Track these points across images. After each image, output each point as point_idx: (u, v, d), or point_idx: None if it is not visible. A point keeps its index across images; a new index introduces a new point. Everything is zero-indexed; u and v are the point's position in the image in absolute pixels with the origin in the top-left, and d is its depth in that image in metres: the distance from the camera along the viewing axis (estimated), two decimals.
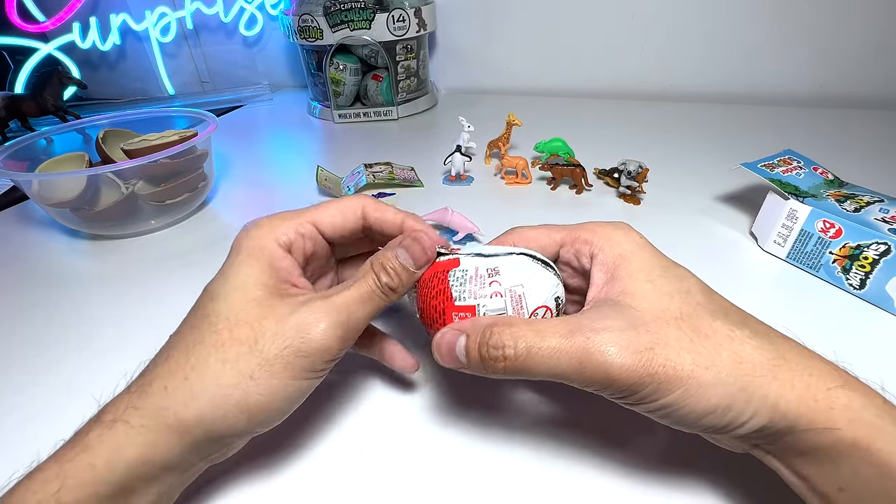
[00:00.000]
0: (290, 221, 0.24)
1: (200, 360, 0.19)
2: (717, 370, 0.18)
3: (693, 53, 0.76)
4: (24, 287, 0.41)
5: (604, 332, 0.18)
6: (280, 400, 0.20)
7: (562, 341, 0.18)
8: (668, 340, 0.18)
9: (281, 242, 0.23)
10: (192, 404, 0.19)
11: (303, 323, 0.20)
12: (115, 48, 0.88)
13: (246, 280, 0.21)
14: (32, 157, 0.48)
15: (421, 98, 0.80)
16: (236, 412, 0.19)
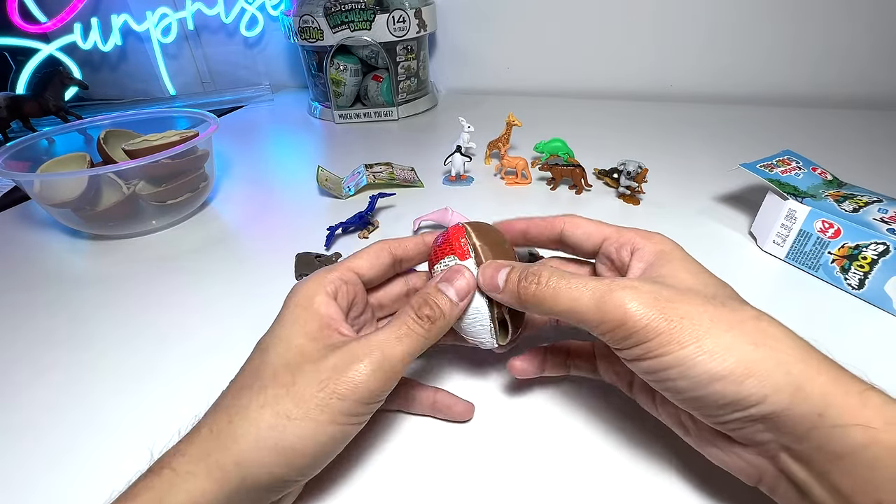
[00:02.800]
0: (333, 273, 0.24)
1: (243, 405, 0.20)
2: (737, 334, 0.17)
3: (693, 53, 0.76)
4: (25, 287, 0.41)
5: (629, 284, 0.20)
6: (317, 444, 0.20)
7: (588, 281, 0.20)
8: (691, 301, 0.19)
9: (328, 291, 0.23)
10: (232, 447, 0.19)
11: (339, 363, 0.20)
12: (117, 49, 0.88)
13: (291, 330, 0.22)
14: (34, 158, 0.48)
15: (421, 98, 0.81)
16: (273, 455, 0.19)
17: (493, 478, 0.24)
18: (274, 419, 0.19)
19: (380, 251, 0.26)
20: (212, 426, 0.20)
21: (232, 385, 0.22)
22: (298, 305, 0.23)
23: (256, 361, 0.22)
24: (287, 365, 0.21)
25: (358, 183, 0.53)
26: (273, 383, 0.20)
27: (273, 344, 0.22)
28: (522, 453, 0.25)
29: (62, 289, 0.40)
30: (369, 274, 0.26)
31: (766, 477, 0.19)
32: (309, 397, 0.19)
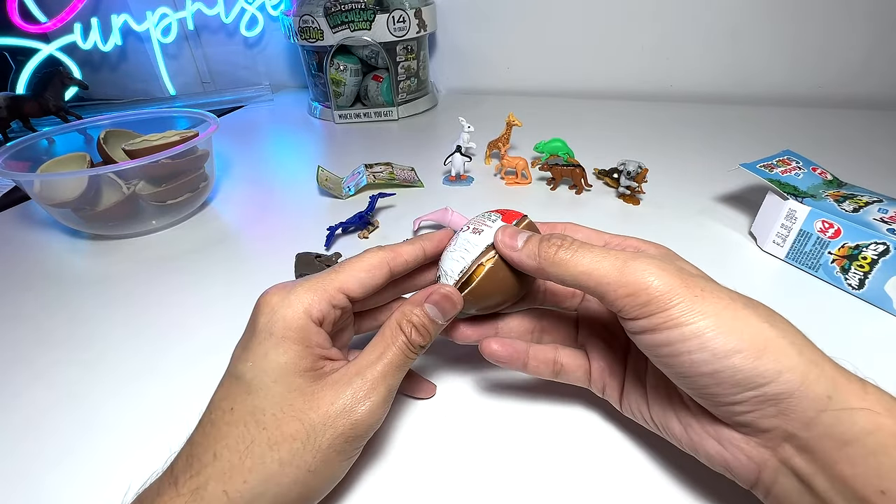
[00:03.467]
0: (319, 293, 0.22)
1: (257, 463, 0.19)
2: (752, 313, 0.18)
3: (693, 53, 0.76)
4: (25, 287, 0.41)
5: (651, 255, 0.20)
6: (333, 481, 0.22)
7: (610, 250, 0.20)
8: (708, 280, 0.20)
9: (314, 318, 0.22)
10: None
11: (348, 409, 0.20)
12: (117, 49, 0.89)
13: (284, 369, 0.21)
14: (34, 158, 0.48)
15: (421, 98, 0.81)
16: (296, 503, 0.20)
17: (485, 475, 0.24)
18: (295, 474, 0.19)
19: (375, 268, 0.24)
20: (224, 487, 0.19)
21: (224, 434, 0.20)
22: (286, 338, 0.21)
23: (248, 405, 0.20)
24: (292, 413, 0.20)
25: (358, 183, 0.53)
26: (282, 436, 0.19)
27: (265, 386, 0.20)
28: (516, 452, 0.25)
29: (62, 289, 0.40)
30: (361, 295, 0.23)
31: (766, 472, 0.18)
32: (326, 447, 0.20)
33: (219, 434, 0.20)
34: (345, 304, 0.23)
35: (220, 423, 0.20)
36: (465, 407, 0.28)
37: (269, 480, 0.19)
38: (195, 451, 0.20)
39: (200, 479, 0.19)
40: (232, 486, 0.19)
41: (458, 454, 0.25)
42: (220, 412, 0.20)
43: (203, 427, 0.21)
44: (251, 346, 0.21)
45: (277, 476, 0.19)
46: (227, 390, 0.21)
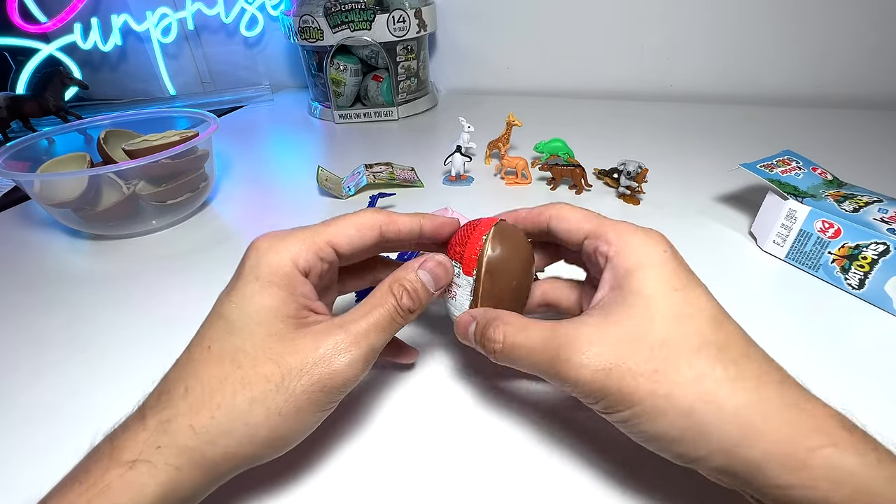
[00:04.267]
0: (308, 243, 0.22)
1: (227, 399, 0.19)
2: (674, 401, 0.18)
3: (693, 53, 0.76)
4: (25, 287, 0.41)
5: (576, 344, 0.19)
6: (304, 431, 0.21)
7: (539, 344, 0.20)
8: (630, 365, 0.18)
9: (301, 268, 0.22)
10: (220, 442, 0.19)
11: (327, 359, 0.20)
12: (117, 49, 0.88)
13: (268, 313, 0.21)
14: (34, 158, 0.48)
15: (421, 98, 0.81)
16: (263, 447, 0.20)
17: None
18: (265, 416, 0.19)
19: (366, 228, 0.24)
20: (191, 421, 0.19)
21: (197, 369, 0.20)
22: (272, 283, 0.21)
23: (227, 344, 0.20)
24: (270, 356, 0.20)
25: (358, 183, 0.53)
26: (256, 376, 0.19)
27: (247, 328, 0.20)
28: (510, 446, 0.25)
29: (62, 289, 0.40)
30: (348, 252, 0.24)
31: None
32: (299, 392, 0.20)
33: (192, 370, 0.20)
34: (332, 258, 0.23)
35: (196, 359, 0.20)
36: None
37: (238, 418, 0.19)
38: (167, 386, 0.20)
39: (168, 412, 0.19)
40: (198, 421, 0.19)
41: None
42: (199, 349, 0.21)
43: (178, 364, 0.21)
44: (237, 287, 0.21)
45: (246, 415, 0.19)
46: (207, 329, 0.21)
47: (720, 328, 0.19)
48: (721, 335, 0.19)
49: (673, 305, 0.19)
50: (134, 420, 0.19)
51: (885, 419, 0.26)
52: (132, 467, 0.18)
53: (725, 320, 0.20)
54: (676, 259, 0.21)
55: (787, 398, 0.18)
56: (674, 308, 0.19)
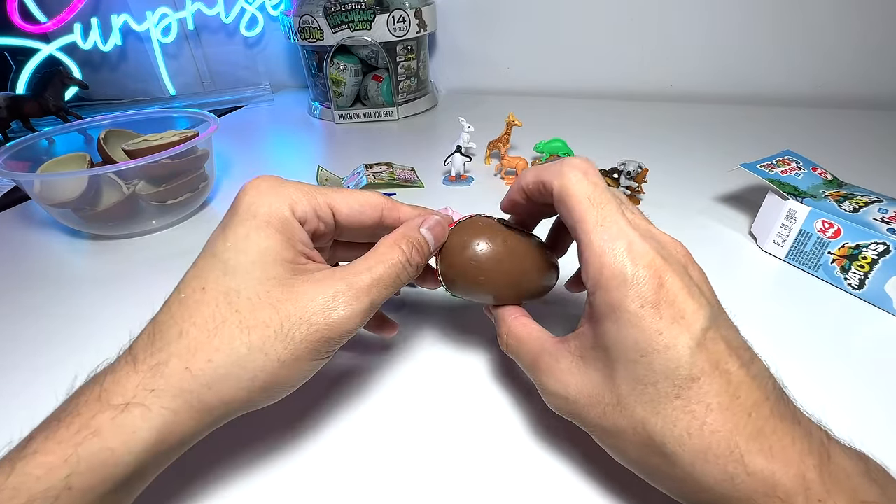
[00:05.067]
0: (308, 196, 0.22)
1: (225, 343, 0.19)
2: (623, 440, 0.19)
3: (693, 53, 0.76)
4: (25, 287, 0.41)
5: (549, 373, 0.21)
6: (299, 379, 0.21)
7: (529, 356, 0.23)
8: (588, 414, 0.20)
9: (297, 215, 0.22)
10: (216, 387, 0.18)
11: (327, 309, 0.20)
12: (117, 49, 0.89)
13: (265, 254, 0.20)
14: (34, 158, 0.48)
15: (421, 98, 0.81)
16: (260, 392, 0.20)
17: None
18: (263, 362, 0.19)
19: (368, 207, 0.24)
20: (187, 364, 0.18)
21: (193, 311, 0.19)
22: (270, 224, 0.21)
23: (223, 285, 0.20)
24: (269, 301, 0.19)
25: (358, 183, 0.53)
26: (255, 322, 0.19)
27: (242, 268, 0.20)
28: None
29: (62, 289, 0.40)
30: (345, 222, 0.24)
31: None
32: (298, 341, 0.19)
33: (187, 312, 0.19)
34: (328, 219, 0.23)
35: (189, 301, 0.20)
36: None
37: (236, 363, 0.19)
38: (159, 328, 0.19)
39: (162, 355, 0.18)
40: (195, 364, 0.18)
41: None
42: (191, 290, 0.20)
43: (170, 306, 0.20)
44: (231, 225, 0.21)
45: (244, 360, 0.19)
46: (200, 269, 0.20)
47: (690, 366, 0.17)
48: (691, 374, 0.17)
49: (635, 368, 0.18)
50: (124, 363, 0.19)
51: (886, 419, 0.26)
52: (124, 410, 0.17)
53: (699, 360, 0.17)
54: (657, 286, 0.18)
55: (763, 429, 0.17)
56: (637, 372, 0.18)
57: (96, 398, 0.18)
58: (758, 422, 0.16)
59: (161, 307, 0.20)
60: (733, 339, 0.18)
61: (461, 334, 0.33)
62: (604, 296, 0.18)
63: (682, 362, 0.17)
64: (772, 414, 0.17)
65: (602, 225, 0.19)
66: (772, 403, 0.17)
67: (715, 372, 0.17)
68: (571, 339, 0.21)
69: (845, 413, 0.26)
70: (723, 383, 0.17)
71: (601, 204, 0.19)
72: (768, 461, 0.16)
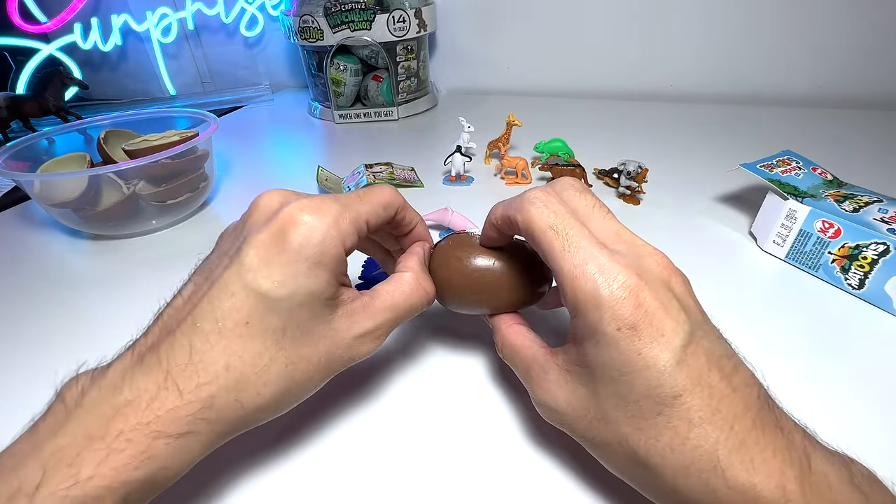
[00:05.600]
0: (353, 225, 0.22)
1: (272, 379, 0.20)
2: (609, 451, 0.19)
3: (693, 53, 0.76)
4: (25, 287, 0.41)
5: (538, 384, 0.22)
6: (308, 394, 0.23)
7: (522, 365, 0.23)
8: (575, 424, 0.20)
9: (347, 248, 0.22)
10: (261, 416, 0.21)
11: (356, 345, 0.22)
12: (117, 49, 0.89)
13: (313, 297, 0.20)
14: (34, 158, 0.48)
15: (421, 98, 0.81)
16: (292, 405, 0.22)
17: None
18: (302, 390, 0.21)
19: (389, 206, 0.25)
20: (238, 396, 0.19)
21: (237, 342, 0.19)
22: (320, 265, 0.20)
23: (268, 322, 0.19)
24: (309, 334, 0.21)
25: (358, 183, 0.53)
26: (299, 357, 0.21)
27: (289, 306, 0.20)
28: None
29: (62, 289, 0.40)
30: (374, 230, 0.25)
31: None
32: (332, 370, 0.22)
33: (231, 346, 0.19)
34: (365, 233, 0.23)
35: (231, 335, 0.19)
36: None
37: (284, 395, 0.21)
38: (199, 357, 0.19)
39: (211, 388, 0.19)
40: (245, 398, 0.20)
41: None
42: (232, 324, 0.19)
43: (206, 334, 0.19)
44: (279, 262, 0.19)
45: (290, 392, 0.21)
46: (241, 302, 0.19)
47: (671, 384, 0.17)
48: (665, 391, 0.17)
49: (617, 387, 0.18)
50: (165, 389, 0.18)
51: (886, 419, 0.26)
52: (179, 438, 0.18)
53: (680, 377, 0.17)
54: (634, 306, 0.18)
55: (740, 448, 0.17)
56: (619, 390, 0.18)
57: (145, 425, 0.17)
58: (739, 434, 0.16)
59: (189, 327, 0.19)
60: (715, 350, 0.18)
61: (461, 336, 0.33)
62: (582, 319, 0.19)
63: (663, 380, 0.17)
64: (754, 425, 0.17)
65: (569, 251, 0.19)
66: (754, 414, 0.17)
67: (696, 387, 0.17)
68: (560, 352, 0.21)
69: (845, 413, 0.26)
70: (704, 397, 0.17)
71: (565, 231, 0.19)
72: (749, 474, 0.16)
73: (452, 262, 0.25)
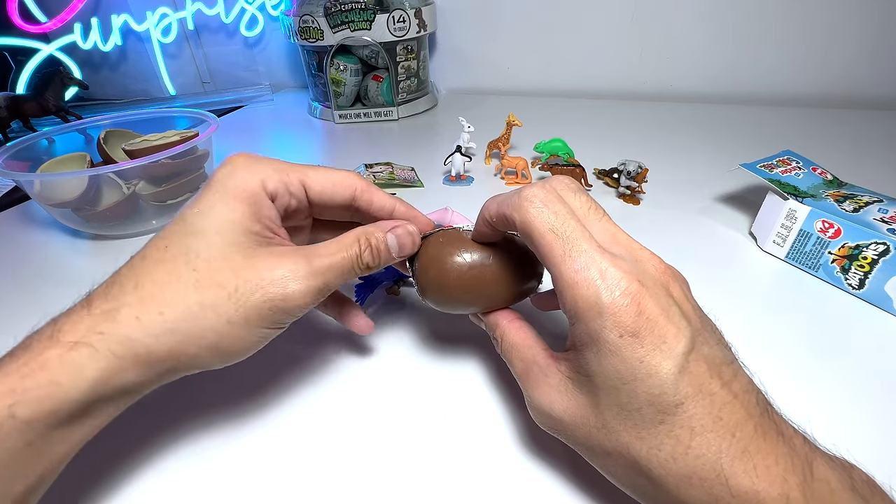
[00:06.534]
0: (279, 172, 0.23)
1: (178, 298, 0.19)
2: (610, 461, 0.19)
3: (693, 53, 0.76)
4: (25, 287, 0.41)
5: (536, 387, 0.21)
6: (249, 345, 0.22)
7: (520, 364, 0.23)
8: (575, 432, 0.20)
9: (268, 190, 0.22)
10: (164, 339, 0.19)
11: (283, 281, 0.21)
12: (117, 49, 0.88)
13: (230, 222, 0.21)
14: (34, 158, 0.48)
15: (421, 98, 0.81)
16: (207, 352, 0.20)
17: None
18: (214, 321, 0.20)
19: (339, 185, 0.24)
20: (138, 313, 0.19)
21: (150, 267, 0.20)
22: (238, 197, 0.22)
23: (184, 245, 0.21)
24: (228, 265, 0.20)
25: None
26: (211, 282, 0.20)
27: (206, 231, 0.21)
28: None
29: (62, 289, 0.40)
30: (317, 200, 0.24)
31: None
32: (251, 308, 0.20)
33: (146, 268, 0.20)
34: (300, 195, 0.24)
35: (150, 258, 0.21)
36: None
37: (186, 319, 0.19)
38: (117, 279, 0.21)
39: (115, 303, 0.19)
40: (146, 315, 0.19)
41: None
42: (154, 249, 0.21)
43: (132, 262, 0.21)
44: (203, 196, 0.22)
45: (195, 316, 0.20)
46: (166, 231, 0.21)
47: (673, 392, 0.17)
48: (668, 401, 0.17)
49: (619, 396, 0.18)
50: (79, 306, 0.20)
51: (886, 419, 0.26)
52: (72, 348, 0.18)
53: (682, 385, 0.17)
54: (636, 314, 0.17)
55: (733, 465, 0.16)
56: (620, 398, 0.18)
57: (48, 336, 0.19)
58: (741, 442, 0.16)
59: (126, 263, 0.21)
60: (716, 357, 0.18)
61: (459, 336, 0.33)
62: (582, 327, 0.18)
63: (666, 388, 0.17)
64: (755, 432, 0.17)
65: (570, 256, 0.18)
66: (755, 420, 0.17)
67: (698, 395, 0.17)
68: (561, 358, 0.21)
69: (846, 413, 0.26)
70: (706, 405, 0.17)
71: (565, 234, 0.19)
72: (752, 482, 0.16)
73: (445, 259, 0.24)
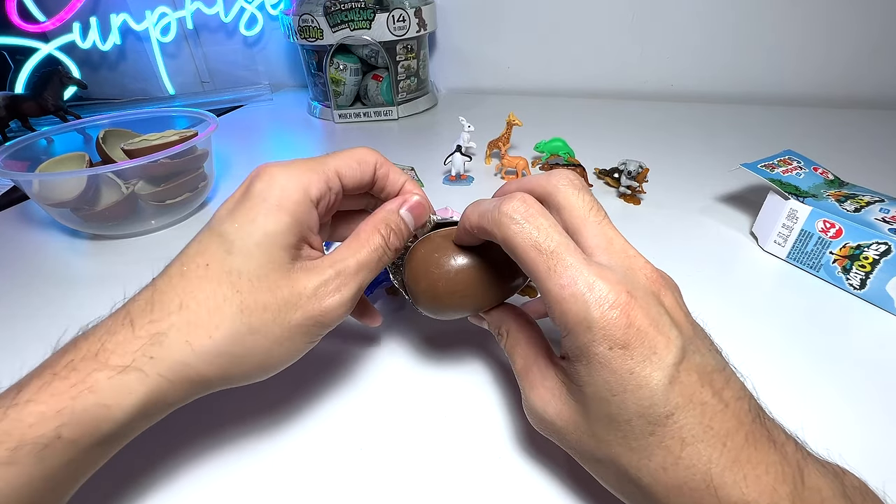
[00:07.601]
0: (319, 172, 0.22)
1: (225, 321, 0.19)
2: (600, 467, 0.19)
3: (693, 53, 0.76)
4: (24, 287, 0.41)
5: (533, 387, 0.21)
6: (291, 358, 0.22)
7: (521, 362, 0.23)
8: (568, 437, 0.20)
9: (312, 196, 0.22)
10: (216, 362, 0.19)
11: (320, 297, 0.21)
12: (116, 48, 0.88)
13: (270, 238, 0.21)
14: (33, 157, 0.48)
15: (421, 98, 0.80)
16: (257, 370, 0.21)
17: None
18: (264, 344, 0.20)
19: (364, 162, 0.24)
20: (189, 337, 0.19)
21: (194, 287, 0.20)
22: (281, 208, 0.21)
23: (226, 264, 0.20)
24: (268, 285, 0.20)
25: None
26: (255, 305, 0.20)
27: (247, 249, 0.20)
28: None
29: (62, 289, 0.40)
30: (351, 184, 0.24)
31: None
32: (295, 327, 0.21)
33: (189, 286, 0.20)
34: (338, 188, 0.23)
35: (191, 276, 0.20)
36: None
37: (235, 342, 0.20)
38: (158, 297, 0.20)
39: (162, 325, 0.19)
40: (196, 339, 0.19)
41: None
42: (194, 266, 0.21)
43: (170, 277, 0.21)
44: (241, 208, 0.21)
45: (243, 339, 0.20)
46: (204, 246, 0.21)
47: (664, 403, 0.17)
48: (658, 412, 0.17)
49: (609, 407, 0.18)
50: (121, 325, 0.19)
51: (887, 419, 0.26)
52: (122, 372, 0.18)
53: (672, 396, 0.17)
54: (625, 326, 0.17)
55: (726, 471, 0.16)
56: (610, 410, 0.18)
57: (93, 356, 0.18)
58: (732, 451, 0.16)
59: (160, 275, 0.21)
60: (707, 365, 0.18)
61: (459, 336, 0.33)
62: (573, 340, 0.18)
63: (656, 400, 0.17)
64: (746, 441, 0.16)
65: (555, 271, 0.18)
66: (747, 428, 0.17)
67: (689, 405, 0.17)
68: (559, 363, 0.21)
69: (846, 413, 0.26)
70: (697, 415, 0.17)
71: (549, 249, 0.18)
72: (742, 493, 0.16)
73: (432, 268, 0.24)
